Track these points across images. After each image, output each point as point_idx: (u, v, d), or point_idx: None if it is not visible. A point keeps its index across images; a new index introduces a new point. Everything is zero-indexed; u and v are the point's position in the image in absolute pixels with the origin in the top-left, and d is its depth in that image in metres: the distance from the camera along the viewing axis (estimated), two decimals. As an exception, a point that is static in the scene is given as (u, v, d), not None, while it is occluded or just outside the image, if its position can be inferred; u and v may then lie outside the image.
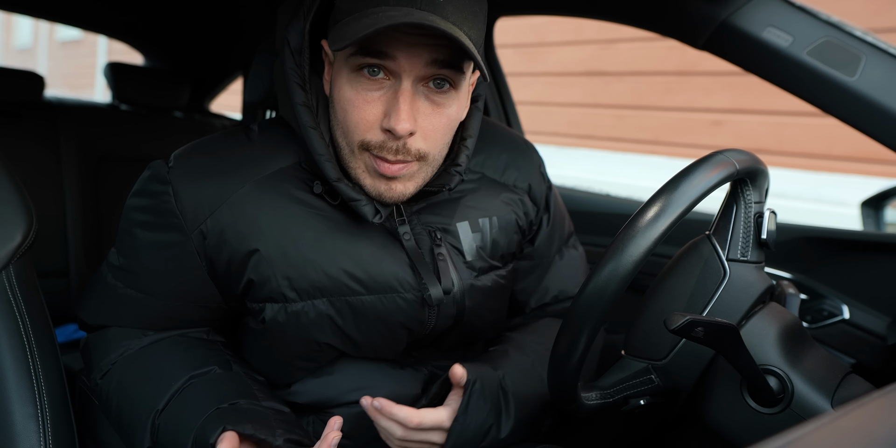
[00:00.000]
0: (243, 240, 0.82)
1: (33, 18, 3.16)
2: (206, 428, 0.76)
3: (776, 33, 1.00)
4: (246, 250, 0.82)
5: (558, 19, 3.69)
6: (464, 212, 0.91)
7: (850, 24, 0.98)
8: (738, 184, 0.78)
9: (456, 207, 0.91)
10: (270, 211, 0.82)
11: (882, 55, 0.95)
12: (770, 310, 0.77)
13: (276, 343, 0.87)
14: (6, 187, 0.89)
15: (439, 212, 0.90)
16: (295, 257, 0.82)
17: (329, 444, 0.75)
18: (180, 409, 0.81)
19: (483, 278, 0.93)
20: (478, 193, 0.93)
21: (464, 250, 0.90)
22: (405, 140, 0.76)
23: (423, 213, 0.89)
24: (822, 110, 1.00)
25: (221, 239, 0.82)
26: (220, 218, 0.81)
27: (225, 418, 0.77)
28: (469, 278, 0.90)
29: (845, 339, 1.10)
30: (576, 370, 0.71)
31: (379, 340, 0.89)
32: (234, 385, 0.84)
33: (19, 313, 0.83)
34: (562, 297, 1.05)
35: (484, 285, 0.92)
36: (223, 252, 0.82)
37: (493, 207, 0.94)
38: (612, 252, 0.66)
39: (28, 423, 0.79)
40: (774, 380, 0.72)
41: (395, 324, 0.87)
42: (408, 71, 0.73)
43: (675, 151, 3.76)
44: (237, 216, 0.81)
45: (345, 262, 0.83)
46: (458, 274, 0.89)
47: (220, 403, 0.79)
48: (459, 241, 0.90)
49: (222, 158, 0.84)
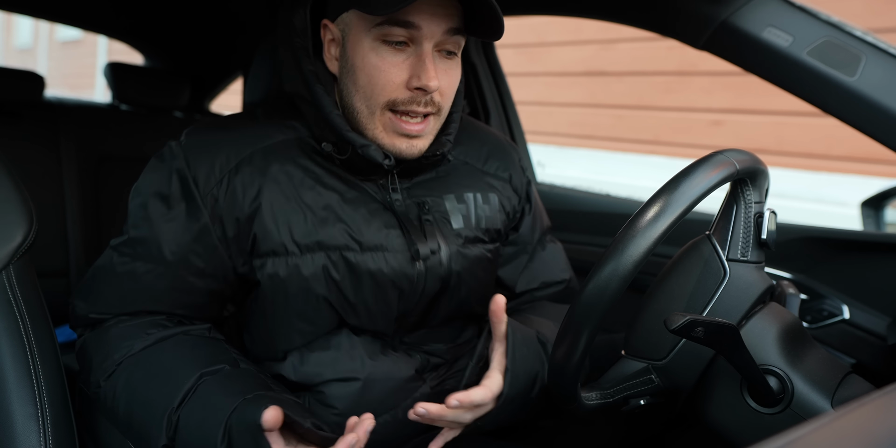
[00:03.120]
0: (250, 199, 0.89)
1: (33, 18, 3.16)
2: (246, 410, 0.76)
3: (776, 33, 1.00)
4: (253, 208, 0.89)
5: (558, 19, 3.69)
6: (450, 187, 1.00)
7: (850, 24, 0.98)
8: (739, 184, 0.78)
9: (443, 184, 0.99)
10: (274, 174, 0.90)
11: (882, 55, 0.95)
12: (770, 310, 0.77)
13: (279, 300, 0.90)
14: (6, 187, 0.89)
15: (427, 187, 0.98)
16: (296, 214, 0.89)
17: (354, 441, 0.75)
18: (200, 404, 0.81)
19: (470, 247, 0.98)
20: (462, 175, 1.02)
21: (450, 219, 0.98)
22: (431, 95, 0.86)
23: (413, 189, 0.97)
24: (822, 110, 1.00)
25: (232, 200, 0.89)
26: (230, 181, 0.89)
27: (260, 402, 0.77)
28: (456, 245, 0.97)
29: (845, 339, 1.10)
30: (576, 370, 0.71)
31: (371, 300, 0.92)
32: (251, 379, 0.85)
33: (19, 313, 0.83)
34: (549, 282, 1.10)
35: (471, 253, 0.98)
36: (233, 212, 0.89)
37: (477, 185, 1.02)
38: (612, 252, 0.67)
39: (28, 422, 0.79)
40: (774, 380, 0.72)
41: (385, 282, 0.92)
42: (429, 38, 0.84)
43: (675, 151, 3.76)
44: (245, 179, 0.89)
45: (341, 222, 0.90)
46: (445, 239, 0.96)
47: (245, 394, 0.80)
48: (446, 211, 0.98)
49: (230, 130, 0.93)
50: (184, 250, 0.89)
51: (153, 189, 0.91)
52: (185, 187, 0.89)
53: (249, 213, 0.89)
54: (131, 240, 0.90)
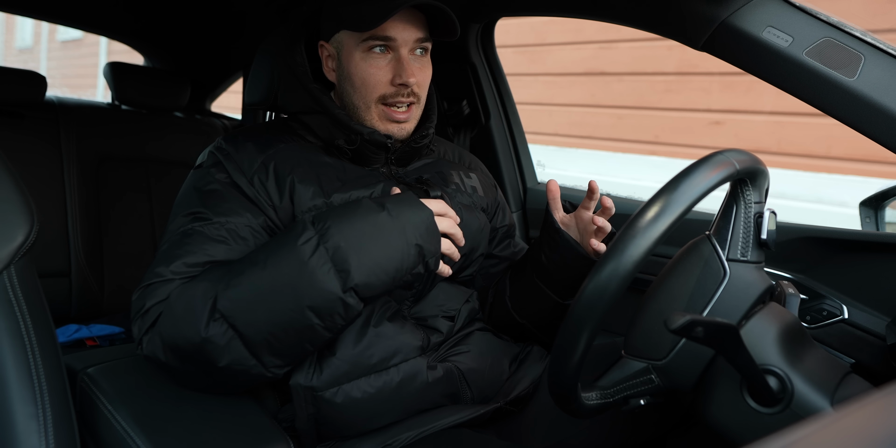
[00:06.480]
0: (283, 176, 1.04)
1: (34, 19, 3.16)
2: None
3: (776, 33, 1.00)
4: (287, 182, 1.04)
5: (558, 19, 3.69)
6: (438, 167, 1.21)
7: (850, 24, 0.98)
8: (738, 184, 0.78)
9: (432, 168, 1.20)
10: (298, 160, 1.07)
11: (882, 55, 0.95)
12: (770, 310, 0.77)
13: None
14: (7, 187, 0.89)
15: (420, 171, 1.18)
16: (321, 183, 1.05)
17: None
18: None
19: (467, 207, 1.16)
20: (444, 165, 1.23)
21: (444, 187, 1.17)
22: (411, 88, 1.07)
23: (409, 174, 1.17)
24: (822, 111, 1.00)
25: (269, 177, 1.04)
26: (265, 164, 1.05)
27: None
28: (453, 202, 1.14)
29: (845, 339, 1.10)
30: (576, 370, 0.71)
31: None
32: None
33: (20, 313, 0.83)
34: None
35: (467, 208, 1.16)
36: (273, 185, 1.04)
37: (459, 169, 1.25)
38: (612, 252, 0.67)
39: (29, 422, 0.79)
40: (774, 380, 0.72)
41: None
42: (404, 45, 1.06)
43: (675, 151, 3.76)
44: (278, 164, 1.05)
45: (359, 190, 1.07)
46: (445, 191, 1.15)
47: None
48: (440, 180, 1.18)
49: (256, 134, 1.12)
50: (235, 211, 1.02)
51: (205, 177, 1.05)
52: (233, 170, 1.04)
53: (285, 187, 1.03)
54: (190, 215, 1.02)
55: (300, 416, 0.97)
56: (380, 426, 0.99)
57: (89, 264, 1.85)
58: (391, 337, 1.00)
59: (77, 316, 1.87)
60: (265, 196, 1.02)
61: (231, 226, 0.98)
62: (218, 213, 0.99)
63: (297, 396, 0.97)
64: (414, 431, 0.96)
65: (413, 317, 1.08)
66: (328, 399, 0.96)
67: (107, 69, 2.08)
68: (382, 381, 0.98)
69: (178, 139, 2.17)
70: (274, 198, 1.03)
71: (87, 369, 1.01)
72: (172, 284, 0.92)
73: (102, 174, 1.98)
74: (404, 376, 0.99)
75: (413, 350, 1.02)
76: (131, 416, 0.93)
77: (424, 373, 1.01)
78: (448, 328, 1.08)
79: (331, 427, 0.97)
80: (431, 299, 1.10)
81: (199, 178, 1.04)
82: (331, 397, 0.96)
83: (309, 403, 0.97)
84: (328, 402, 0.96)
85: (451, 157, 1.29)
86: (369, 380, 0.98)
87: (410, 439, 0.96)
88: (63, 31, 9.42)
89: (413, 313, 1.08)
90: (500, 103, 1.77)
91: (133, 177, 2.05)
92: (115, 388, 0.98)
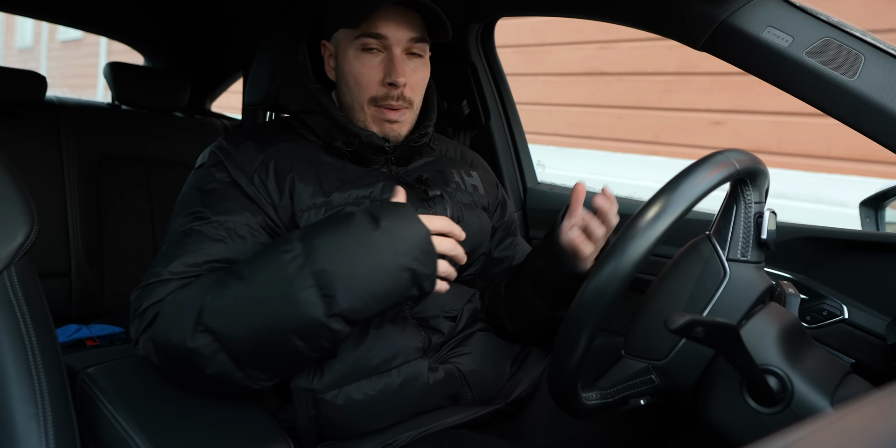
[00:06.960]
0: (283, 174, 1.04)
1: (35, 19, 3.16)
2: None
3: (776, 33, 1.00)
4: (286, 180, 1.04)
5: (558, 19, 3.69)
6: (438, 165, 1.20)
7: (850, 24, 0.98)
8: (738, 184, 0.78)
9: (432, 167, 1.19)
10: (298, 159, 1.07)
11: (882, 55, 0.95)
12: (770, 310, 0.77)
13: None
14: (8, 187, 0.89)
15: (420, 170, 1.17)
16: (320, 181, 1.05)
17: None
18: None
19: (467, 206, 1.16)
20: (445, 164, 1.22)
21: (445, 186, 1.16)
22: (401, 90, 1.06)
23: (409, 173, 1.16)
24: (822, 111, 1.00)
25: (269, 175, 1.04)
26: (265, 163, 1.05)
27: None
28: (455, 197, 1.15)
29: (845, 339, 1.10)
30: (576, 370, 0.71)
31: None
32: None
33: (20, 313, 0.83)
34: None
35: (467, 206, 1.16)
36: (272, 183, 1.03)
37: (460, 167, 1.24)
38: (612, 252, 0.67)
39: (29, 422, 0.79)
40: (774, 380, 0.73)
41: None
42: (396, 44, 1.05)
43: (675, 151, 3.76)
44: (278, 162, 1.05)
45: (359, 190, 1.06)
46: (446, 190, 1.15)
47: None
48: (441, 179, 1.17)
49: (257, 133, 1.12)
50: (236, 211, 1.02)
51: (205, 177, 1.05)
52: (233, 169, 1.04)
53: (284, 184, 1.03)
54: (190, 215, 1.02)
55: (301, 417, 0.97)
56: (380, 427, 0.98)
57: (89, 264, 1.85)
58: (392, 338, 1.00)
59: (77, 316, 1.87)
60: (265, 194, 1.02)
61: (230, 224, 0.98)
62: (217, 211, 0.98)
63: (297, 398, 0.97)
64: (414, 432, 0.96)
65: (414, 317, 1.07)
66: (329, 401, 0.96)
67: (107, 69, 2.08)
68: (384, 383, 0.98)
69: (178, 139, 2.17)
70: (274, 196, 1.02)
71: (87, 369, 1.01)
72: (170, 285, 0.92)
73: (102, 174, 1.98)
74: (405, 378, 0.99)
75: (414, 351, 1.01)
76: (131, 416, 0.93)
77: (426, 375, 1.01)
78: (450, 328, 1.08)
79: (331, 428, 0.97)
80: (433, 299, 1.08)
81: (200, 178, 1.04)
82: (332, 399, 0.96)
83: (310, 405, 0.96)
84: (329, 405, 0.96)
85: (453, 155, 1.28)
86: (370, 382, 0.98)
87: (410, 439, 0.96)
88: (63, 31, 9.42)
89: (414, 314, 1.07)
90: (500, 103, 1.77)
91: (133, 177, 2.05)
92: (116, 388, 0.98)
